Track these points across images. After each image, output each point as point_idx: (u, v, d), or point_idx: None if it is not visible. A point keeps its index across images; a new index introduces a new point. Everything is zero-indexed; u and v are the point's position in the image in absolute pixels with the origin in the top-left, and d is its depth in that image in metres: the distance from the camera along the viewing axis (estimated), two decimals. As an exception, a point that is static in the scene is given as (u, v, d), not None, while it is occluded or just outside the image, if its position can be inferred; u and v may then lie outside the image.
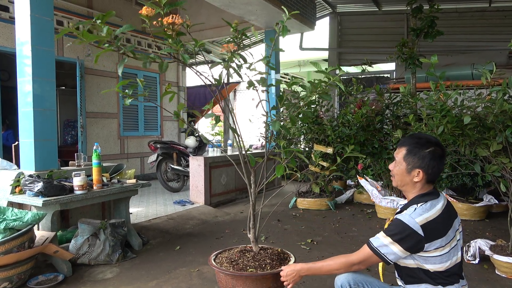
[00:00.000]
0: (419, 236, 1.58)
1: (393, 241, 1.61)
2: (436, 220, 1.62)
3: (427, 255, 1.63)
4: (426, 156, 1.68)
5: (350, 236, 4.25)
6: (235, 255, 2.28)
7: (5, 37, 5.84)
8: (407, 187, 1.76)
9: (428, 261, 1.64)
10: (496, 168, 3.15)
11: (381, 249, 1.64)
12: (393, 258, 1.64)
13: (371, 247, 1.66)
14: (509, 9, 8.78)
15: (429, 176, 1.70)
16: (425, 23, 5.51)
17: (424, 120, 3.41)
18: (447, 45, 8.78)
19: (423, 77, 6.57)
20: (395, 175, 1.78)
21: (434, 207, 1.65)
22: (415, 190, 1.73)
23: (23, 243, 2.79)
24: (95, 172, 3.38)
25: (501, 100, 2.98)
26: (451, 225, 1.67)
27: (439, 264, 1.64)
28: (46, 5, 3.61)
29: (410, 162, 1.70)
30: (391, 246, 1.61)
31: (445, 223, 1.66)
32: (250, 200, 2.26)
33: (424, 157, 1.68)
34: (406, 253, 1.62)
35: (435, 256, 1.63)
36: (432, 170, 1.69)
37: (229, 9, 6.57)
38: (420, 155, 1.69)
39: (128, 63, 8.30)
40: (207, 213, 5.19)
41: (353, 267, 1.72)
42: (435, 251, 1.62)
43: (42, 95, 3.57)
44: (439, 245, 1.62)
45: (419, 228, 1.58)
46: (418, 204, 1.66)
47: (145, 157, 8.26)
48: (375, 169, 5.34)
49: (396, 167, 1.77)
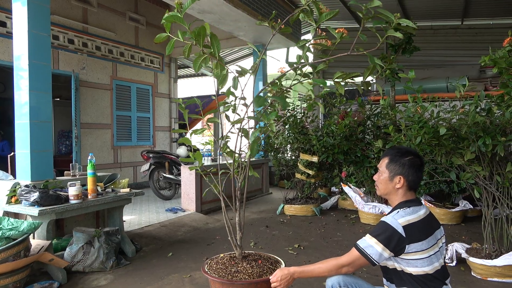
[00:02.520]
0: (401, 236, 1.69)
1: (377, 241, 1.71)
2: (417, 224, 1.74)
3: (408, 258, 1.72)
4: (405, 163, 1.84)
5: (335, 241, 4.41)
6: (227, 261, 2.34)
7: (1, 51, 5.98)
8: (391, 195, 1.90)
9: (410, 264, 1.73)
10: (470, 176, 3.34)
11: (367, 249, 1.73)
12: (377, 259, 1.72)
13: (358, 248, 1.76)
14: (480, 26, 9.47)
15: (410, 183, 1.85)
16: (403, 40, 5.79)
17: (403, 131, 3.60)
18: (424, 59, 9.43)
19: (402, 90, 6.87)
20: (379, 184, 1.94)
21: (416, 212, 1.79)
22: (398, 197, 1.87)
23: (19, 252, 2.83)
24: (90, 182, 3.50)
25: (473, 113, 3.18)
26: (432, 233, 1.78)
27: (420, 267, 1.72)
28: (43, 22, 3.75)
29: (392, 170, 1.86)
30: (376, 246, 1.71)
31: (426, 229, 1.77)
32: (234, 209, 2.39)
33: (404, 164, 1.84)
34: (390, 253, 1.72)
35: (416, 259, 1.72)
36: (412, 177, 1.83)
37: (220, 26, 6.82)
38: (401, 163, 1.85)
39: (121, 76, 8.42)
40: (198, 220, 5.32)
41: (342, 269, 1.79)
42: (416, 254, 1.71)
43: (38, 108, 3.68)
44: (420, 249, 1.71)
45: (401, 229, 1.70)
46: (401, 209, 1.80)
47: (137, 166, 8.39)
48: (358, 177, 5.57)
49: (380, 177, 1.92)
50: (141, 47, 8.69)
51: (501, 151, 3.01)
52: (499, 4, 8.34)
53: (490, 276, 3.21)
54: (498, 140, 3.04)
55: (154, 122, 9.03)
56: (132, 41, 8.44)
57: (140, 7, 8.66)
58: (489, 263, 3.18)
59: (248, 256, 2.43)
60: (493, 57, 3.16)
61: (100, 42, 7.67)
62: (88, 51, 7.41)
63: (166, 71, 9.46)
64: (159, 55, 9.24)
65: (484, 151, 3.15)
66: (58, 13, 6.81)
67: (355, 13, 9.59)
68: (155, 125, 9.10)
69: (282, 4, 7.84)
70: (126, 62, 8.30)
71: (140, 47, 8.64)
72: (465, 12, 8.93)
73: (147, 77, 8.86)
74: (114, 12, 8.01)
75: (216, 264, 2.33)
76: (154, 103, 9.04)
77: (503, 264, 3.12)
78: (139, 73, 8.63)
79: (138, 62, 8.61)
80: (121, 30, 8.17)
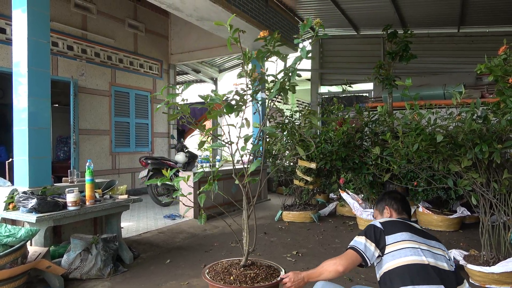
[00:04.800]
0: (379, 229, 1.95)
1: (360, 235, 1.99)
2: (393, 221, 2.02)
3: (393, 249, 1.86)
4: (386, 198, 2.26)
5: (333, 248, 4.41)
6: (227, 268, 2.36)
7: (1, 57, 5.99)
8: None
9: (395, 256, 1.84)
10: (467, 183, 3.36)
11: (354, 243, 1.98)
12: (363, 249, 1.92)
13: (351, 246, 1.98)
14: (476, 34, 9.59)
15: (397, 209, 2.18)
16: (400, 47, 5.86)
17: (400, 138, 3.63)
18: (420, 67, 9.52)
19: (399, 97, 6.92)
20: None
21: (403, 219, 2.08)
22: None
23: (16, 259, 2.82)
24: (88, 189, 3.49)
25: (470, 120, 3.20)
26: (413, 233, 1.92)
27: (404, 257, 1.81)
28: (42, 28, 3.78)
29: (379, 208, 2.28)
30: (360, 239, 1.96)
31: (404, 226, 1.96)
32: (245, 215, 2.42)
33: (384, 199, 2.26)
34: (372, 244, 1.91)
35: (399, 249, 1.84)
36: (396, 205, 2.19)
37: (217, 32, 6.88)
38: (382, 199, 2.28)
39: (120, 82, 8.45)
40: (196, 227, 5.30)
41: (338, 266, 1.92)
42: (399, 243, 1.86)
43: (37, 114, 3.69)
44: (402, 239, 1.87)
45: (379, 224, 1.99)
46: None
47: (136, 172, 8.38)
48: (356, 183, 5.59)
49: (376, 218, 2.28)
50: (140, 53, 8.73)
51: (497, 158, 3.04)
52: (495, 13, 8.46)
53: (488, 283, 3.22)
54: (495, 147, 3.06)
55: (152, 128, 9.04)
56: (131, 47, 8.49)
57: (139, 14, 8.72)
58: (487, 270, 3.18)
59: (249, 263, 2.44)
60: (488, 65, 3.19)
61: (99, 48, 7.70)
62: (87, 58, 7.44)
63: (165, 78, 9.50)
64: (158, 61, 9.28)
65: (480, 158, 3.17)
66: (58, 19, 6.85)
67: (352, 21, 9.71)
68: (154, 131, 9.10)
69: (280, 11, 7.92)
70: (125, 68, 8.34)
71: (139, 53, 8.69)
72: (462, 20, 9.04)
73: (146, 83, 8.89)
74: (113, 19, 8.06)
75: (218, 272, 2.35)
76: (152, 109, 9.07)
77: (501, 271, 3.13)
78: (138, 80, 8.66)
79: (137, 69, 8.65)
80: (120, 37, 8.22)
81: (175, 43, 9.61)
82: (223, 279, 2.24)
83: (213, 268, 2.41)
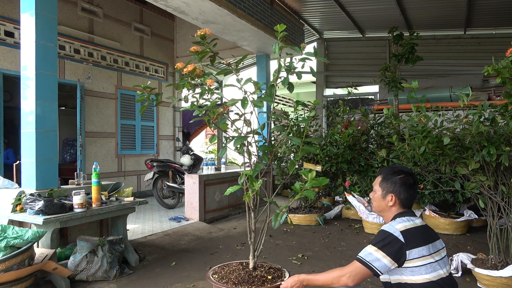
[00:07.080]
0: (400, 242, 1.70)
1: (377, 249, 1.72)
2: (414, 230, 1.77)
3: (412, 265, 1.71)
4: (397, 181, 1.89)
5: (339, 251, 4.38)
6: (233, 271, 2.36)
7: (9, 61, 6.06)
8: (384, 213, 1.96)
9: (415, 272, 1.71)
10: (474, 186, 3.33)
11: (367, 257, 1.73)
12: (378, 266, 1.70)
13: (359, 259, 1.76)
14: (482, 36, 9.57)
15: (402, 201, 1.89)
16: (406, 49, 5.85)
17: (407, 140, 3.61)
18: (427, 69, 9.49)
19: (405, 99, 6.89)
20: (373, 201, 2.01)
21: (413, 220, 1.82)
22: (391, 215, 1.92)
23: (23, 261, 2.84)
24: (94, 191, 3.51)
25: (477, 122, 3.18)
26: (431, 241, 1.79)
27: (424, 274, 1.70)
28: (50, 32, 3.81)
29: (384, 188, 1.93)
30: (376, 254, 1.72)
31: (424, 236, 1.78)
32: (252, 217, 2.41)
33: (395, 183, 1.90)
34: (391, 261, 1.70)
35: (419, 266, 1.70)
36: (404, 196, 1.88)
37: (223, 36, 6.90)
38: (392, 181, 1.91)
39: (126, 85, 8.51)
40: (201, 229, 5.31)
41: (344, 281, 1.75)
42: (418, 260, 1.70)
43: (44, 117, 3.73)
44: (421, 254, 1.70)
45: (399, 234, 1.72)
46: (398, 218, 1.86)
47: (141, 175, 8.42)
48: (361, 186, 5.56)
49: (374, 194, 1.99)
50: (146, 56, 8.78)
51: (505, 161, 3.01)
52: (501, 14, 8.41)
53: (496, 287, 3.18)
54: (503, 149, 3.03)
55: (158, 131, 9.09)
56: (137, 51, 8.55)
57: (145, 17, 8.79)
58: (495, 274, 3.15)
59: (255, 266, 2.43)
60: (496, 67, 3.16)
61: (106, 52, 7.77)
62: (93, 61, 7.51)
63: (171, 80, 9.55)
64: (164, 64, 9.33)
65: (488, 161, 3.14)
66: (65, 23, 6.92)
67: (358, 23, 9.70)
68: (159, 134, 9.15)
69: (285, 14, 7.92)
70: (131, 71, 8.39)
71: (145, 56, 8.74)
72: (468, 22, 9.00)
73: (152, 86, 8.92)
74: (119, 22, 8.13)
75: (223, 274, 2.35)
76: (158, 112, 9.12)
77: (509, 275, 3.09)
78: (144, 83, 8.67)
79: (142, 72, 8.70)
80: (127, 40, 8.28)
81: (180, 46, 9.66)
82: (228, 281, 2.24)
83: (218, 270, 2.41)
